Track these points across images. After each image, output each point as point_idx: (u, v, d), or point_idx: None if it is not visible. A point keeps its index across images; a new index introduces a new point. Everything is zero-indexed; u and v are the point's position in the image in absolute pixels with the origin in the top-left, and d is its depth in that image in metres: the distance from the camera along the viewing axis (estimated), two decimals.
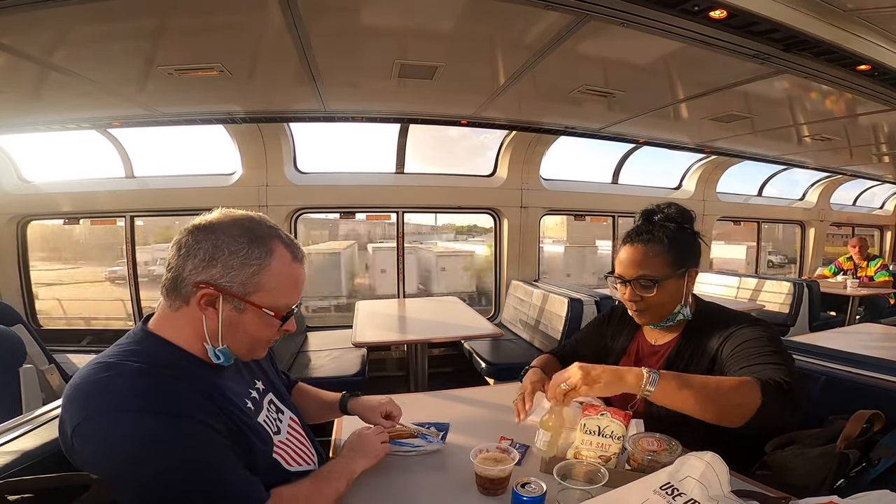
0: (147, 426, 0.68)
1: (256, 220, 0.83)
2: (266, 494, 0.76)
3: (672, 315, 1.17)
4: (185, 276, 0.78)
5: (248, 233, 0.79)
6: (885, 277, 4.86)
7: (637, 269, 1.14)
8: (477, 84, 2.71)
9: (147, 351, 0.78)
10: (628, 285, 1.16)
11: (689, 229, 1.19)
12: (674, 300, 1.16)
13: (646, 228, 1.18)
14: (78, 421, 0.68)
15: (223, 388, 0.82)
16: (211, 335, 0.80)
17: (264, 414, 0.91)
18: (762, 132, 3.71)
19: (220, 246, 0.77)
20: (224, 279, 0.78)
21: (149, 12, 1.78)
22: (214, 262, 0.77)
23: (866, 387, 1.28)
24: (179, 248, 0.79)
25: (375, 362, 3.87)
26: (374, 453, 0.97)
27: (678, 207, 1.21)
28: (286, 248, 0.83)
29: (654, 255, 1.14)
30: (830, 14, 1.86)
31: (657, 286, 1.13)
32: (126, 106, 2.90)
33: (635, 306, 1.17)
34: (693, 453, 0.83)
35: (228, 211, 0.84)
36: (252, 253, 0.79)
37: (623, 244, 1.20)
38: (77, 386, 0.72)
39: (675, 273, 1.14)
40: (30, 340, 2.10)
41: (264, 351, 0.90)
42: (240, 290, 0.79)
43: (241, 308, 0.80)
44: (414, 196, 4.24)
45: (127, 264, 3.95)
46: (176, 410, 0.71)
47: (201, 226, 0.80)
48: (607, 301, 3.20)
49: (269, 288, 0.80)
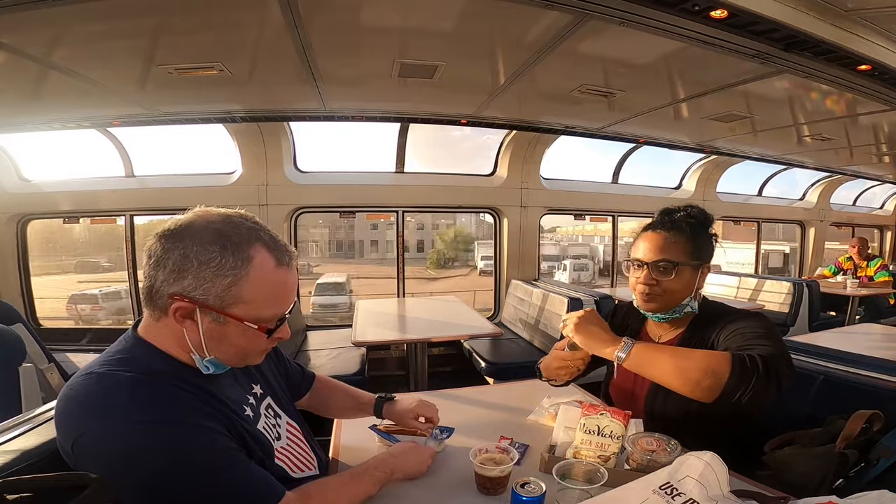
0: (151, 439, 0.66)
1: (235, 221, 0.74)
2: (282, 489, 0.74)
3: (680, 306, 1.18)
4: (157, 286, 0.72)
5: (220, 238, 0.71)
6: (885, 278, 4.86)
7: (658, 254, 1.16)
8: (477, 83, 2.71)
9: (138, 358, 0.74)
10: (646, 268, 1.17)
11: (708, 229, 1.22)
12: (685, 290, 1.17)
13: (669, 219, 1.20)
14: (76, 436, 0.66)
15: (219, 395, 0.78)
16: (195, 347, 0.75)
17: (263, 421, 0.88)
18: (762, 132, 3.71)
19: (189, 255, 0.69)
20: (198, 291, 0.70)
21: (148, 11, 1.78)
22: (184, 272, 0.70)
23: (866, 387, 1.28)
24: (150, 257, 0.72)
25: (375, 361, 3.86)
26: (418, 470, 0.94)
27: (699, 208, 1.23)
28: (269, 253, 0.74)
29: (676, 241, 1.16)
30: (831, 14, 1.86)
31: (675, 270, 1.14)
32: (126, 105, 2.90)
33: (649, 290, 1.17)
34: (692, 453, 0.83)
35: (204, 211, 0.75)
36: (226, 262, 0.70)
37: (644, 232, 1.22)
38: (71, 398, 0.69)
39: (692, 262, 1.16)
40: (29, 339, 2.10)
41: (260, 358, 0.84)
42: (216, 303, 0.71)
43: (221, 321, 0.73)
44: (414, 195, 4.24)
45: (127, 264, 3.95)
46: (177, 419, 0.68)
47: (170, 231, 0.72)
48: (607, 301, 3.21)
49: (248, 299, 0.72)
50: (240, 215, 0.76)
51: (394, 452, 0.95)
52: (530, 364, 1.36)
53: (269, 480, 0.74)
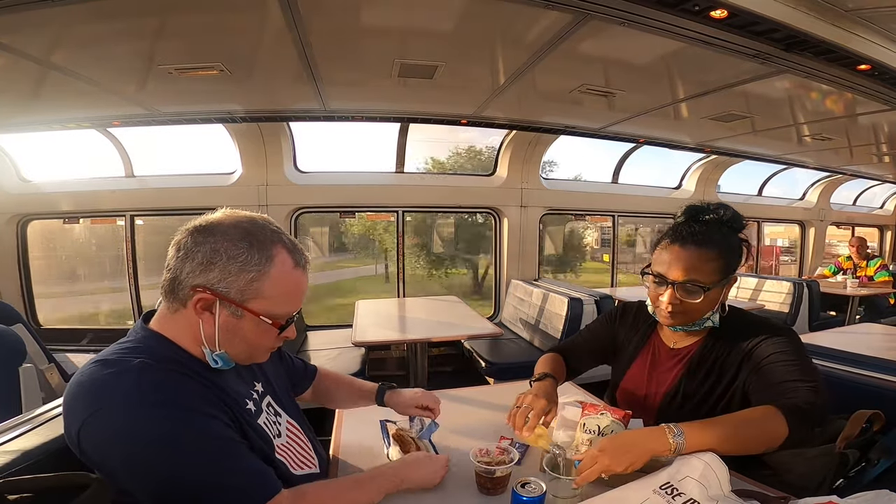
0: (154, 421, 0.68)
1: (259, 223, 0.80)
2: (279, 485, 0.75)
3: (702, 320, 1.10)
4: (182, 278, 0.76)
5: (248, 237, 0.76)
6: (885, 277, 4.86)
7: (685, 273, 1.04)
8: (477, 83, 2.71)
9: (149, 348, 0.77)
10: (670, 287, 1.06)
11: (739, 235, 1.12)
12: (710, 306, 1.09)
13: (700, 230, 1.07)
14: (84, 417, 0.68)
15: (225, 387, 0.81)
16: (208, 340, 0.78)
17: (264, 416, 0.90)
18: (762, 132, 3.71)
19: (219, 250, 0.75)
20: (221, 284, 0.75)
21: (149, 11, 1.78)
22: (212, 265, 0.74)
23: (866, 387, 1.28)
24: (178, 249, 0.76)
25: (375, 362, 3.86)
26: (431, 480, 0.92)
27: (732, 210, 1.11)
28: (289, 254, 0.80)
29: (707, 260, 1.04)
30: (831, 14, 1.86)
31: (704, 293, 1.03)
32: (126, 105, 2.90)
33: (672, 308, 1.07)
34: (693, 453, 0.84)
35: (232, 212, 0.80)
36: (252, 258, 0.76)
37: (671, 243, 1.08)
38: (80, 384, 0.72)
39: (721, 282, 1.06)
40: (30, 340, 2.10)
41: (266, 356, 0.88)
42: (237, 296, 0.76)
43: (239, 314, 0.77)
44: (414, 195, 4.24)
45: (127, 263, 3.95)
46: (182, 404, 0.71)
47: (201, 227, 0.77)
48: (607, 300, 3.21)
49: (267, 295, 0.77)
50: (263, 218, 0.82)
51: (407, 461, 0.94)
52: (530, 364, 1.35)
53: (267, 475, 0.75)
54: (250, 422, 0.82)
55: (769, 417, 0.88)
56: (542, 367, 1.28)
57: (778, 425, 0.86)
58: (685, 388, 1.11)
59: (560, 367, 1.31)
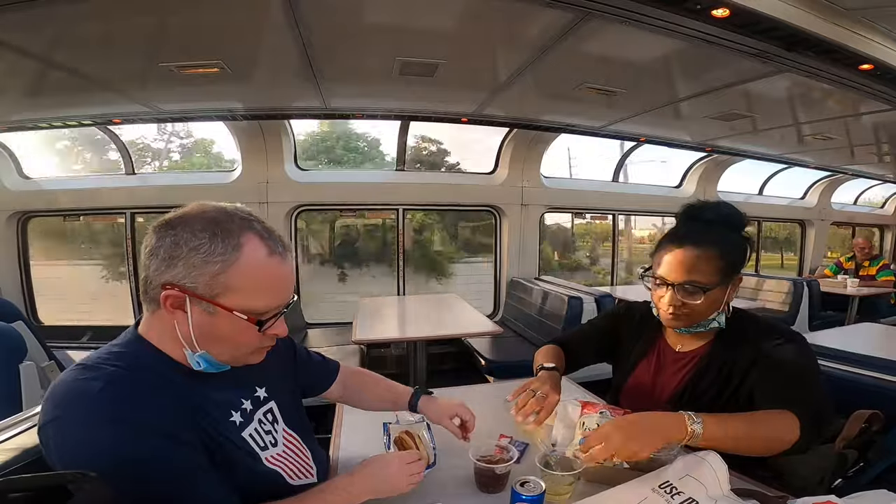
0: (109, 440, 0.64)
1: (228, 211, 0.73)
2: None
3: (707, 321, 1.09)
4: (150, 276, 0.71)
5: (212, 226, 0.70)
6: (888, 277, 4.86)
7: (686, 274, 1.03)
8: (478, 82, 2.71)
9: (131, 354, 0.73)
10: (670, 289, 1.06)
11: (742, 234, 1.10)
12: (714, 307, 1.07)
13: (699, 229, 1.07)
14: (45, 420, 0.66)
15: (205, 397, 0.77)
16: (185, 340, 0.73)
17: (254, 427, 0.84)
18: (763, 131, 3.70)
19: (180, 243, 0.69)
20: (188, 279, 0.69)
21: (150, 10, 1.78)
22: (175, 260, 0.69)
23: (865, 386, 1.28)
24: (145, 247, 0.72)
25: (375, 360, 3.87)
26: (392, 487, 0.83)
27: (732, 208, 1.10)
28: (262, 242, 0.73)
29: (707, 260, 1.03)
30: (833, 13, 1.85)
31: (704, 294, 1.03)
32: (127, 103, 2.89)
33: (674, 310, 1.07)
34: (692, 452, 0.84)
35: (201, 204, 0.74)
36: (215, 248, 0.69)
37: (672, 244, 1.07)
38: (55, 385, 0.69)
39: (723, 281, 1.05)
40: (30, 337, 2.10)
41: (257, 357, 0.80)
42: (206, 292, 0.70)
43: (211, 311, 0.71)
44: (414, 193, 4.23)
45: (127, 261, 3.95)
46: (143, 422, 0.66)
47: (164, 222, 0.72)
48: (607, 299, 3.21)
49: (238, 287, 0.71)
50: (235, 207, 0.75)
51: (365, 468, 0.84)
52: (530, 362, 1.34)
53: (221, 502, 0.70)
54: (230, 436, 0.78)
55: (785, 421, 0.88)
56: (543, 358, 1.25)
57: (791, 430, 0.87)
58: (692, 392, 1.10)
59: (561, 360, 1.29)
